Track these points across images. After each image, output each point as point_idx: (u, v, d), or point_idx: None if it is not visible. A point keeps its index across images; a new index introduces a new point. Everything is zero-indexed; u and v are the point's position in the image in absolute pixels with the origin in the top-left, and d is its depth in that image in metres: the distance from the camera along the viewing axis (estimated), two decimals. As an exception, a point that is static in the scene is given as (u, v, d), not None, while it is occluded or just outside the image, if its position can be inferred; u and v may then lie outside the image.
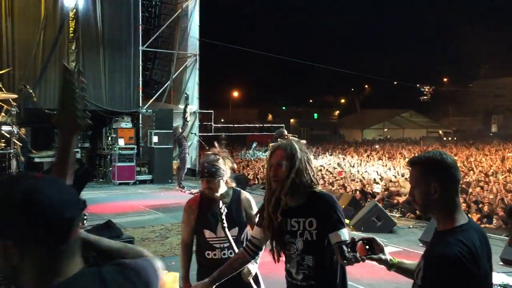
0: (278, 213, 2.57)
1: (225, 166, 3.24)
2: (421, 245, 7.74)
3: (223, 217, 3.04)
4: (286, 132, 10.91)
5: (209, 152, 3.30)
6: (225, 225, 3.05)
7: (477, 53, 59.45)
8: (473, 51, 59.57)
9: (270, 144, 11.32)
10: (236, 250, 3.08)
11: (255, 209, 3.32)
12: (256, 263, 3.21)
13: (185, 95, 14.89)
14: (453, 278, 1.84)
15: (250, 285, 3.13)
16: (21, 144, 6.76)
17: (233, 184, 3.41)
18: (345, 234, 2.58)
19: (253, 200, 3.41)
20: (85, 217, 3.08)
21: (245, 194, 3.40)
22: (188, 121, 13.81)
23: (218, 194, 3.21)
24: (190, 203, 3.35)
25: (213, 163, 3.17)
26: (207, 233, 3.24)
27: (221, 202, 3.13)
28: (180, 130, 13.62)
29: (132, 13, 15.07)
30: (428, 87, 22.34)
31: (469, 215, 2.22)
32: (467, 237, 1.90)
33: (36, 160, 12.36)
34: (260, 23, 75.75)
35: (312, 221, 2.56)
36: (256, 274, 3.21)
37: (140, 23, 15.52)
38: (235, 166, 3.43)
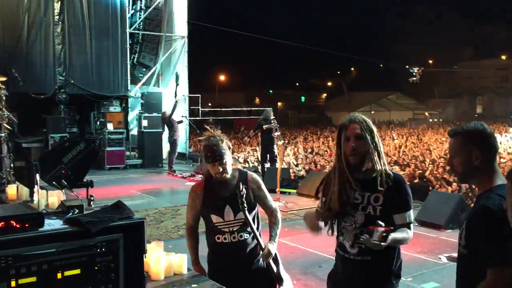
0: (351, 185, 2.57)
1: (227, 147, 3.13)
2: (417, 224, 7.77)
3: (243, 199, 2.97)
4: (272, 114, 10.82)
5: (205, 136, 3.14)
6: (246, 207, 2.99)
7: (462, 36, 59.71)
8: (458, 33, 59.80)
9: (265, 127, 11.22)
10: (257, 233, 3.08)
11: (265, 190, 3.27)
12: (275, 242, 3.18)
13: (176, 75, 14.67)
14: (496, 227, 1.93)
15: (270, 266, 3.09)
16: (11, 128, 6.59)
17: (239, 166, 3.32)
18: (411, 216, 2.61)
19: (261, 181, 3.30)
20: (92, 198, 2.97)
21: (252, 175, 3.27)
22: (178, 101, 13.61)
23: (229, 176, 3.11)
24: (195, 188, 3.25)
25: (219, 145, 3.04)
26: (214, 218, 3.15)
27: (241, 184, 3.05)
28: (169, 113, 13.44)
29: (118, -6, 14.75)
30: (417, 68, 22.43)
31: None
32: (505, 192, 1.93)
33: (24, 145, 12.14)
34: (247, 6, 74.98)
35: (378, 197, 2.55)
36: (275, 255, 3.16)
37: (127, 5, 15.22)
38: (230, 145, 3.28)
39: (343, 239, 2.65)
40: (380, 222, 2.36)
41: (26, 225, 1.98)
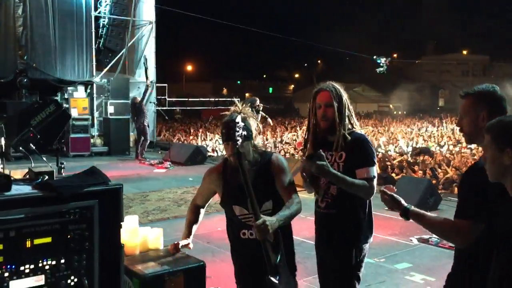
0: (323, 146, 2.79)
1: (251, 127, 2.69)
2: (386, 208, 7.83)
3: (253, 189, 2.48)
4: (258, 101, 10.74)
5: (230, 112, 2.75)
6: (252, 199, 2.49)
7: (425, 30, 61.03)
8: (421, 27, 61.09)
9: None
10: (255, 205, 2.51)
11: (287, 176, 2.72)
12: (279, 221, 2.53)
13: (144, 58, 14.32)
14: (470, 183, 2.12)
15: (265, 246, 2.45)
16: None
17: (262, 148, 2.88)
18: (372, 171, 2.76)
19: (285, 163, 2.78)
20: (63, 166, 2.77)
21: (277, 158, 2.75)
22: (149, 85, 13.28)
23: (245, 161, 2.60)
24: (212, 171, 2.86)
25: (237, 123, 2.51)
26: (238, 210, 2.71)
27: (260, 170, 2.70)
28: (139, 99, 13.12)
29: (83, -24, 14.28)
30: (384, 58, 22.80)
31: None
32: None
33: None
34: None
35: (342, 154, 2.78)
36: (279, 243, 2.53)
37: (93, -13, 14.77)
38: (260, 127, 2.89)
39: (317, 196, 2.88)
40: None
41: (-9, 189, 1.82)
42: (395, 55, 56.23)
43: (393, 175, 10.67)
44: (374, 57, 23.21)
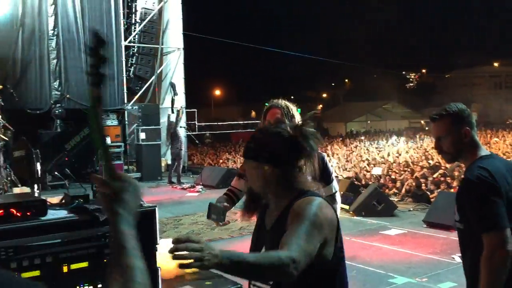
0: None
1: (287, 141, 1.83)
2: (425, 226, 7.62)
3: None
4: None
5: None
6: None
7: (454, 44, 60.18)
8: (450, 41, 60.28)
9: None
10: None
11: (299, 226, 1.59)
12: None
13: (171, 84, 14.53)
14: (476, 196, 2.08)
15: None
16: (6, 139, 6.38)
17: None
18: (335, 186, 2.82)
19: (307, 211, 1.64)
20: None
21: (301, 200, 1.70)
22: (180, 111, 13.47)
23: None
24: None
25: (268, 134, 1.82)
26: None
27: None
28: (174, 123, 13.37)
29: (112, 8, 14.71)
30: (414, 74, 22.51)
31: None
32: (486, 163, 2.15)
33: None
34: (241, 16, 75.34)
35: None
36: None
37: (122, 18, 15.16)
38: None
39: None
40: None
41: (28, 214, 1.81)
42: (423, 70, 55.65)
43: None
44: (403, 72, 22.95)
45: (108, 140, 13.72)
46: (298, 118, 2.63)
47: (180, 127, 14.69)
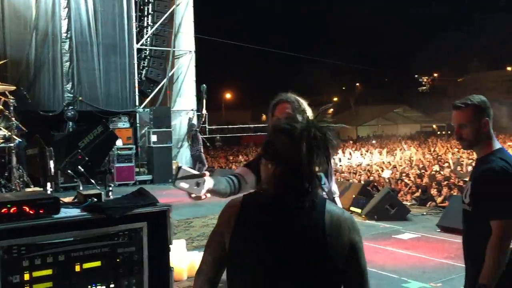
0: None
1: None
2: (439, 230, 7.52)
3: None
4: None
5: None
6: None
7: (467, 48, 59.71)
8: (463, 46, 59.81)
9: None
10: None
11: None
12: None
13: (203, 87, 14.54)
14: (503, 186, 2.26)
15: None
16: (20, 140, 6.42)
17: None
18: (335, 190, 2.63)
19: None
20: (111, 188, 2.73)
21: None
22: (204, 114, 13.55)
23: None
24: None
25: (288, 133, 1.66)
26: None
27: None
28: (196, 125, 13.43)
29: (125, 11, 14.78)
30: (426, 77, 22.32)
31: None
32: (505, 155, 2.37)
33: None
34: (253, 19, 75.38)
35: None
36: None
37: (134, 21, 15.23)
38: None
39: None
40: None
41: (41, 211, 1.79)
42: (435, 74, 55.26)
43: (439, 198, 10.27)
44: (416, 76, 22.75)
45: (120, 142, 13.79)
46: (310, 113, 2.35)
47: (193, 129, 14.71)
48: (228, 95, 55.50)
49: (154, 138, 14.27)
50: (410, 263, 5.96)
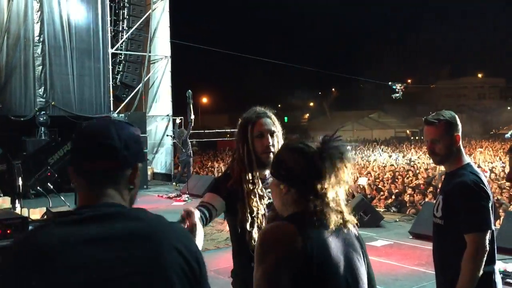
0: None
1: None
2: (411, 237, 7.64)
3: None
4: None
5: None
6: None
7: (438, 54, 61.00)
8: (434, 52, 61.08)
9: None
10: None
11: None
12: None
13: (189, 94, 14.45)
14: (475, 199, 2.31)
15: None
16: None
17: None
18: None
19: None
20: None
21: None
22: (192, 120, 13.53)
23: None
24: None
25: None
26: None
27: None
28: (186, 132, 13.42)
29: (99, 15, 14.62)
30: (399, 84, 22.78)
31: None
32: (475, 170, 2.44)
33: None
34: (229, 24, 75.54)
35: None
36: None
37: (109, 25, 15.08)
38: None
39: None
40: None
41: (8, 232, 1.75)
42: (409, 81, 56.24)
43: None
44: (390, 83, 23.17)
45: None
46: (280, 129, 2.31)
47: (167, 135, 14.60)
48: (204, 100, 55.35)
49: (128, 144, 14.13)
50: (383, 270, 6.03)
